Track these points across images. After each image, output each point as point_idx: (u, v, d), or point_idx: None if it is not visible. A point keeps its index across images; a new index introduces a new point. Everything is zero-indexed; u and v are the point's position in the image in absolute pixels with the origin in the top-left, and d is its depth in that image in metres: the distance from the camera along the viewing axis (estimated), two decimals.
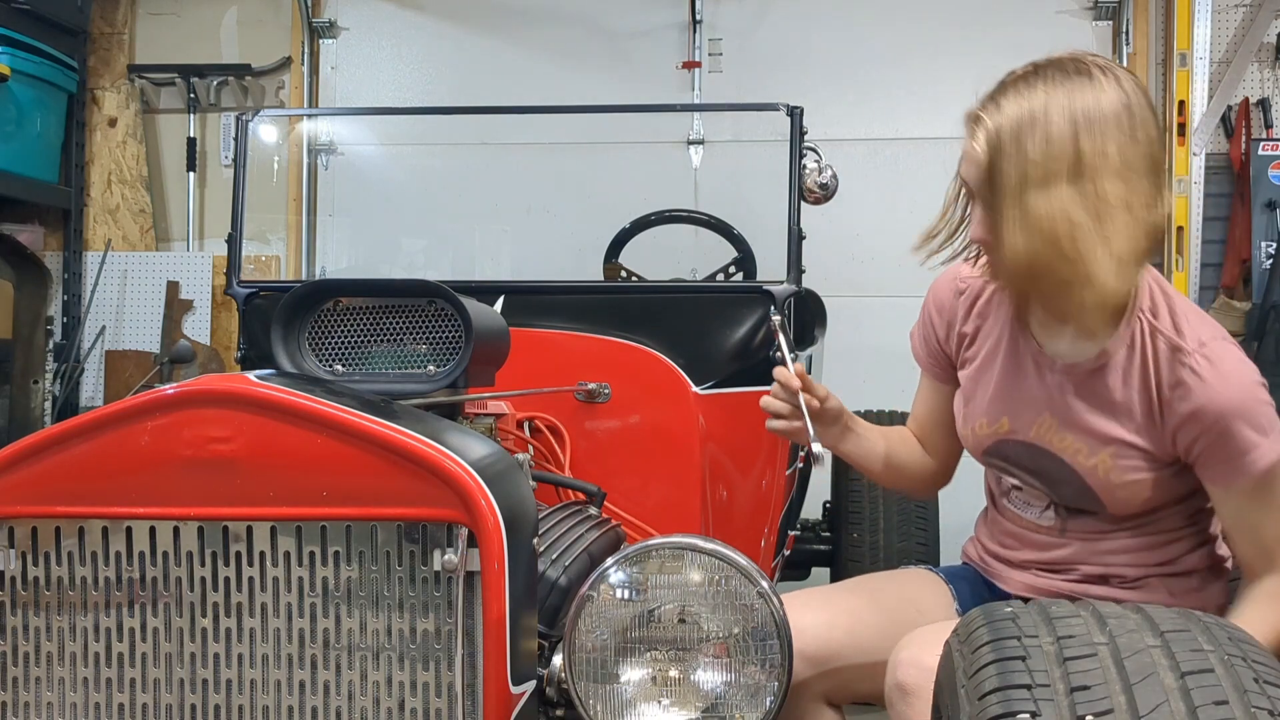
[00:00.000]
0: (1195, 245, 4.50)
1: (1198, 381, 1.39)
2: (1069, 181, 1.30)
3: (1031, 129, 1.31)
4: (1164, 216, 1.36)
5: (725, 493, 2.22)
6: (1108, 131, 1.31)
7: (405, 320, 1.50)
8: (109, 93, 4.99)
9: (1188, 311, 1.46)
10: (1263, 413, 1.39)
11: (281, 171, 4.99)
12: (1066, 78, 1.34)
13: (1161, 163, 1.37)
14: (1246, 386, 1.39)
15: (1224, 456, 1.41)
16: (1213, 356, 1.40)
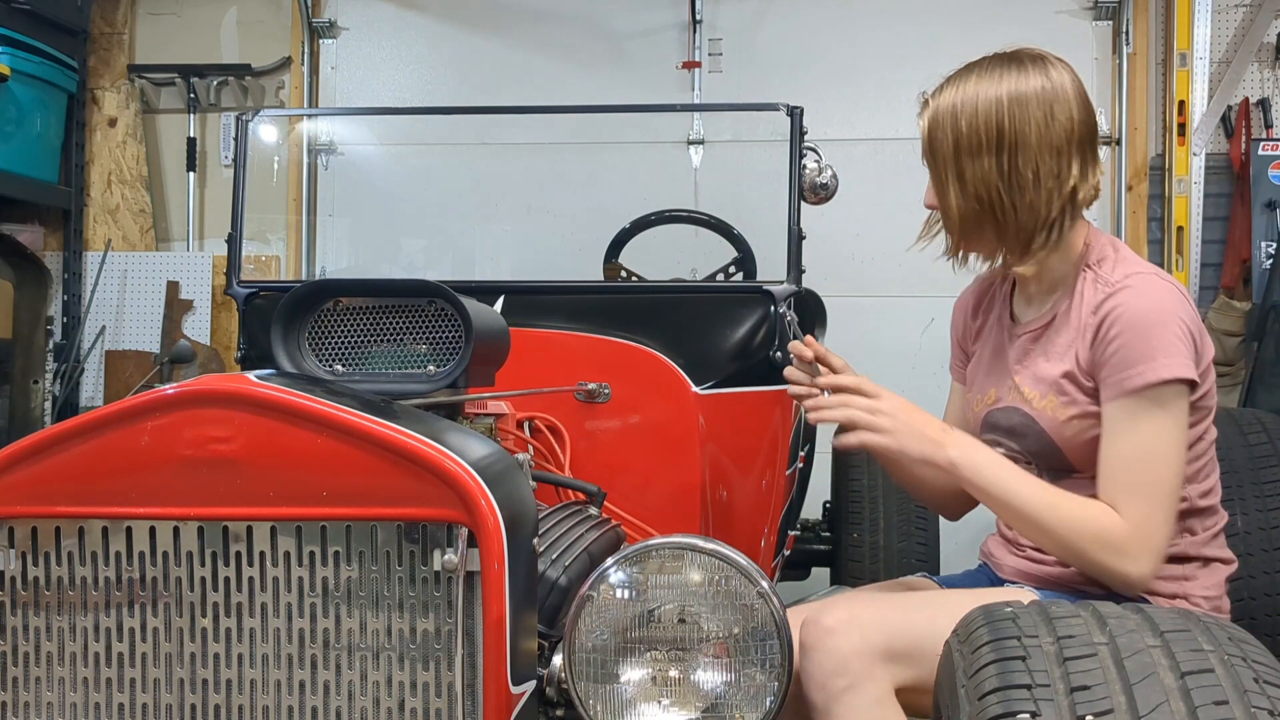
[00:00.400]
0: (1195, 245, 4.50)
1: (1120, 300, 1.48)
2: (992, 153, 1.52)
3: (963, 109, 1.54)
4: (1087, 188, 1.55)
5: (725, 493, 2.22)
6: (1029, 112, 1.51)
7: (405, 320, 1.50)
8: (109, 93, 4.99)
9: (1133, 261, 1.55)
10: (1169, 335, 1.44)
11: (281, 171, 4.99)
12: (999, 66, 1.56)
13: (1085, 141, 1.54)
14: (1162, 306, 1.45)
15: (1117, 365, 1.45)
16: (1138, 283, 1.49)
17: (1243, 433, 2.21)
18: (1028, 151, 1.51)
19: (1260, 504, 2.09)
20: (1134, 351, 1.44)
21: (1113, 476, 1.46)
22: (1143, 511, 1.42)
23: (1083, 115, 1.53)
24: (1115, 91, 4.60)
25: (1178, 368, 1.43)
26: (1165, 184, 4.52)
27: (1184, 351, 1.44)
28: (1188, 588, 1.55)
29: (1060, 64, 1.57)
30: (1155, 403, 1.43)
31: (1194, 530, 1.58)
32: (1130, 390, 1.44)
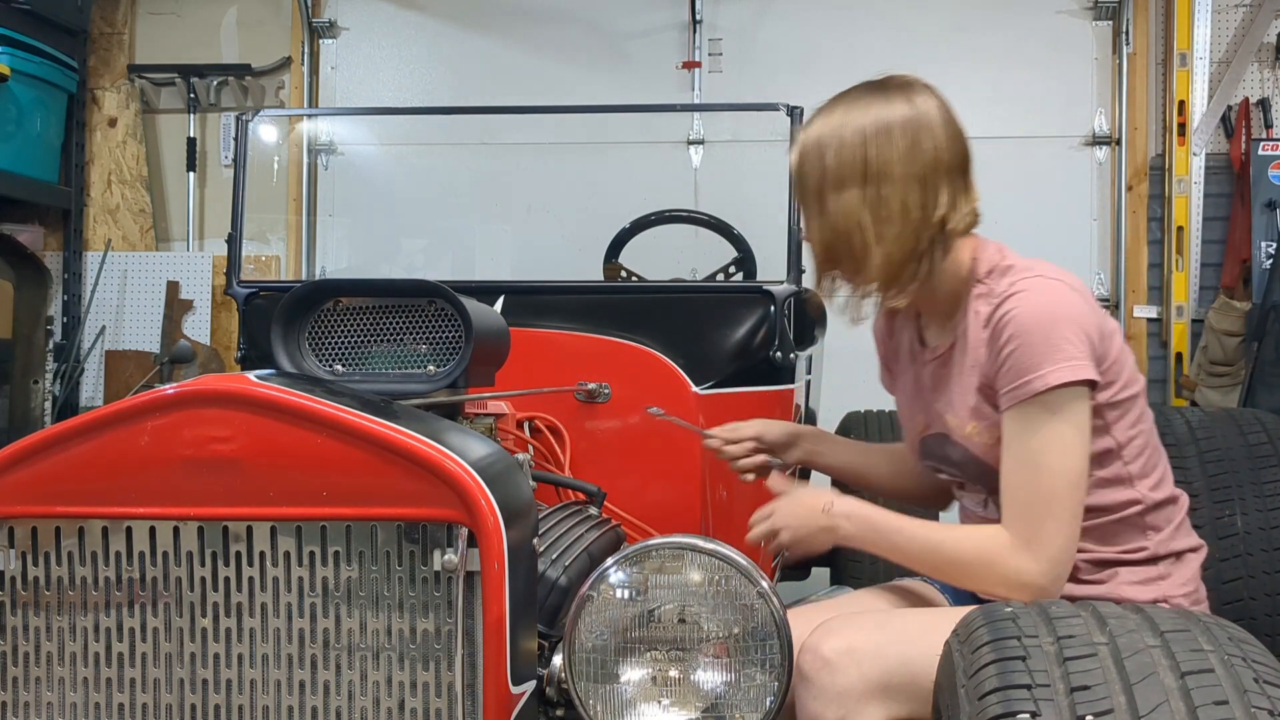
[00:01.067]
0: (1195, 245, 4.50)
1: (1007, 308, 1.45)
2: (858, 186, 1.48)
3: (829, 141, 1.52)
4: (958, 217, 1.50)
5: (725, 493, 2.22)
6: (892, 142, 1.48)
7: (405, 320, 1.50)
8: (109, 93, 4.99)
9: (1022, 267, 1.51)
10: (1058, 338, 1.40)
11: (281, 171, 4.99)
12: (866, 96, 1.54)
13: (954, 169, 1.51)
14: (1051, 309, 1.42)
15: (1009, 375, 1.42)
16: (1025, 287, 1.45)
17: (1243, 433, 2.21)
18: (892, 183, 1.47)
19: (1260, 504, 2.09)
20: (1024, 359, 1.41)
21: (1006, 491, 1.44)
22: (1032, 525, 1.40)
23: (950, 143, 1.50)
24: (1115, 91, 4.60)
25: (1069, 371, 1.39)
26: (1165, 184, 4.53)
27: (1077, 353, 1.40)
28: (1165, 588, 1.53)
29: (927, 91, 1.55)
30: (1047, 411, 1.39)
31: (1158, 527, 1.55)
32: (1022, 400, 1.40)
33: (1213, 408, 2.69)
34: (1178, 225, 4.48)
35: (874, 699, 1.34)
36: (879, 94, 1.53)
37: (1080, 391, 1.40)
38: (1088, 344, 1.42)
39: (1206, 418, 2.29)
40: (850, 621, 1.40)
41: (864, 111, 1.51)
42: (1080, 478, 1.41)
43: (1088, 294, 1.48)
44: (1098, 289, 4.61)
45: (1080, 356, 1.40)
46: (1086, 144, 4.63)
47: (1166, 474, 1.59)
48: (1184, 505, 1.62)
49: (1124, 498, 1.52)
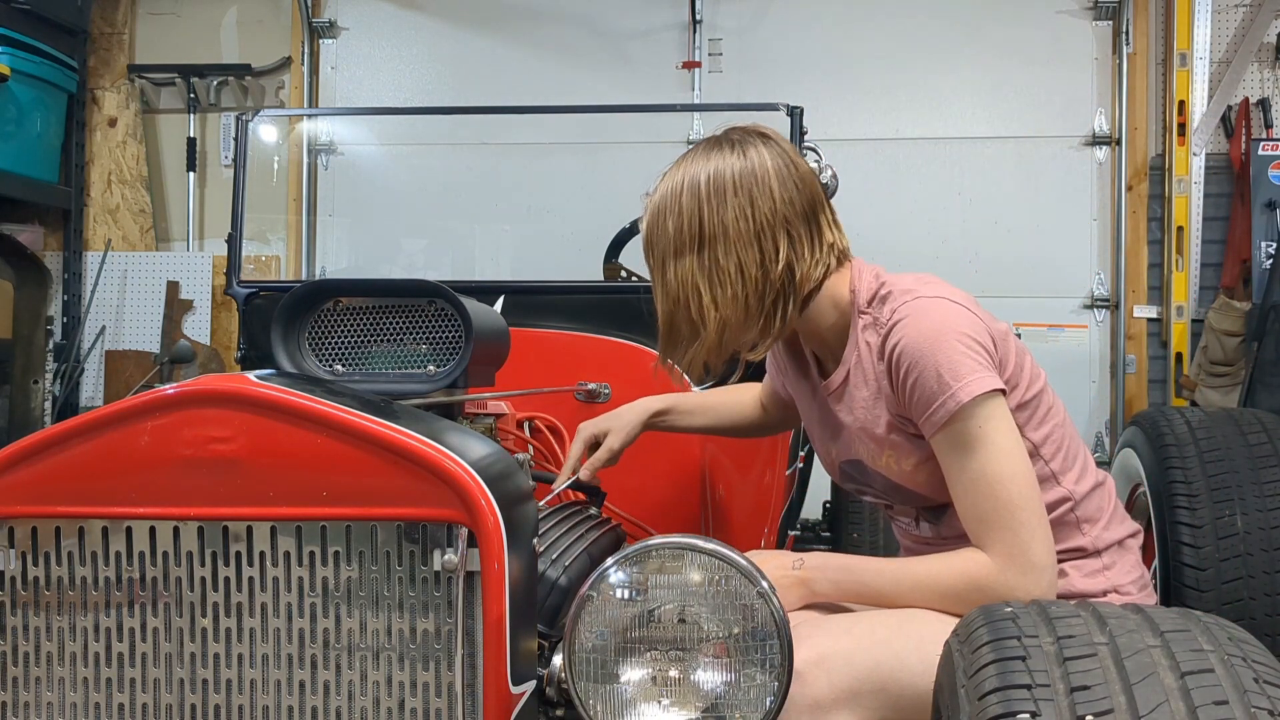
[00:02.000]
0: (1195, 245, 4.50)
1: (895, 339, 1.43)
2: (694, 252, 1.47)
3: (669, 206, 1.50)
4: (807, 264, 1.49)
5: (725, 493, 2.22)
6: (726, 201, 1.46)
7: (405, 320, 1.50)
8: (109, 93, 4.99)
9: (904, 289, 1.49)
10: (954, 355, 1.39)
11: (281, 171, 4.99)
12: (706, 152, 1.51)
13: (797, 218, 1.48)
14: (937, 329, 1.40)
15: (920, 405, 1.41)
16: (907, 313, 1.44)
17: (1243, 433, 2.21)
18: (728, 244, 1.45)
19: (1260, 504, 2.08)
20: (928, 385, 1.39)
21: (966, 515, 1.42)
22: (1006, 539, 1.38)
23: (787, 193, 1.47)
24: (1115, 91, 4.60)
25: (975, 384, 1.37)
26: (1165, 184, 4.53)
27: (975, 364, 1.39)
28: (1114, 578, 1.53)
29: (764, 142, 1.51)
30: (971, 427, 1.38)
31: (1092, 519, 1.55)
32: (941, 425, 1.40)
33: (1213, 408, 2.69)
34: (1178, 225, 4.49)
35: (845, 706, 1.34)
36: (719, 149, 1.51)
37: (994, 397, 1.39)
38: (984, 353, 1.41)
39: (1206, 418, 2.29)
40: (817, 628, 1.38)
41: (702, 167, 1.49)
42: (1030, 477, 1.41)
43: (972, 302, 1.47)
44: (1098, 289, 4.61)
45: (981, 367, 1.39)
46: (1086, 144, 4.63)
47: (1087, 462, 1.58)
48: (1111, 491, 1.60)
49: (1053, 497, 1.52)
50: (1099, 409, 4.63)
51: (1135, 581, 1.55)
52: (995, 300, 4.53)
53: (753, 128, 1.54)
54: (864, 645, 1.37)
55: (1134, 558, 1.58)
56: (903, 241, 4.54)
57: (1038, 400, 1.52)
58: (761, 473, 2.38)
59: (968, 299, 1.48)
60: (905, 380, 1.42)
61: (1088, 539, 1.53)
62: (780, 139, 1.54)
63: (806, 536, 3.30)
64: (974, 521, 1.41)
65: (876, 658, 1.36)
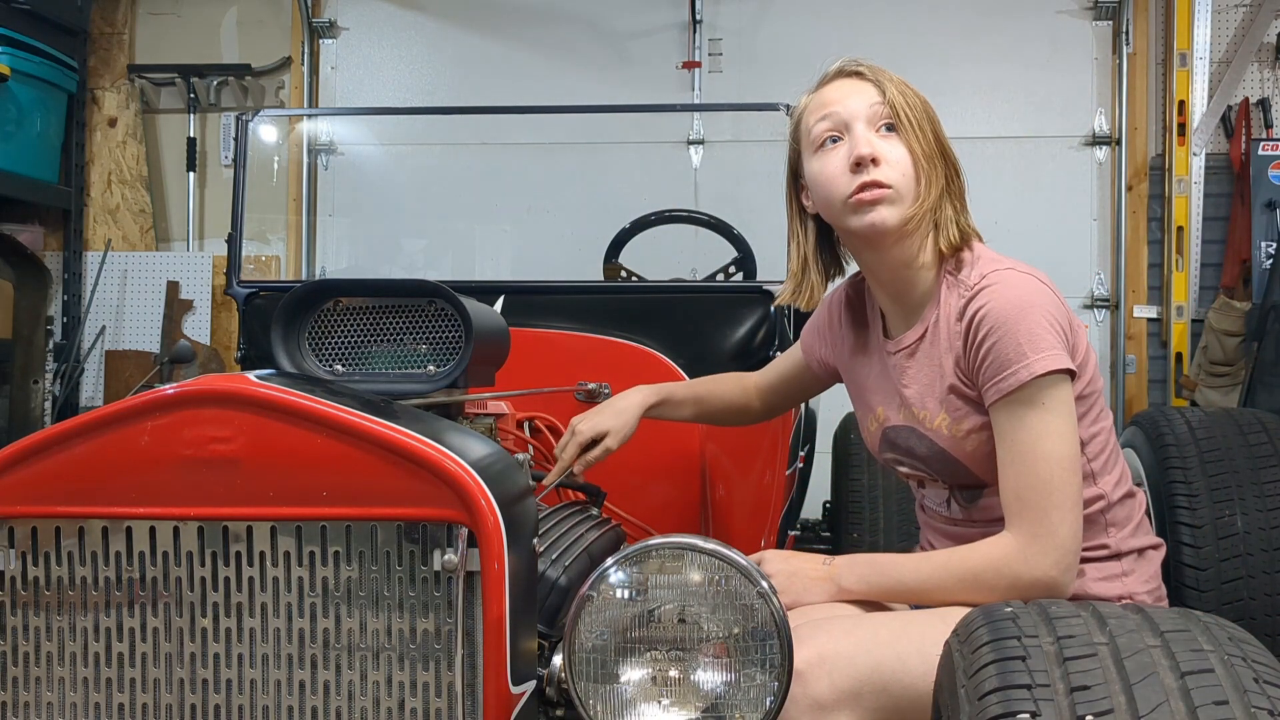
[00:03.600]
0: (1195, 245, 4.50)
1: (981, 302, 1.46)
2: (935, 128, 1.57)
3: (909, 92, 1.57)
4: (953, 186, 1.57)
5: (725, 493, 2.22)
6: None
7: (405, 320, 1.50)
8: (109, 93, 4.99)
9: (989, 259, 1.53)
10: (1037, 328, 1.41)
11: (281, 171, 4.99)
12: None
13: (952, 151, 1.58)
14: (1025, 300, 1.43)
15: (992, 369, 1.43)
16: (997, 279, 1.47)
17: (1243, 433, 2.21)
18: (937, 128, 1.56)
19: (1260, 504, 2.09)
20: (1005, 351, 1.41)
21: (1006, 486, 1.44)
22: (1037, 517, 1.40)
23: None
24: (1115, 91, 4.60)
25: (1051, 360, 1.40)
26: (1165, 184, 4.53)
27: (1055, 342, 1.41)
28: (1129, 584, 1.54)
29: None
30: (1035, 400, 1.40)
31: (1119, 524, 1.56)
32: (1008, 391, 1.41)
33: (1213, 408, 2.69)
34: (1178, 225, 4.49)
35: (846, 707, 1.34)
36: None
37: (1063, 379, 1.42)
38: (1062, 336, 1.43)
39: (1206, 418, 2.29)
40: (819, 628, 1.39)
41: None
42: (1075, 463, 1.42)
43: (1056, 290, 1.49)
44: (1098, 289, 4.61)
45: (1058, 347, 1.42)
46: (1086, 144, 4.63)
47: (1125, 473, 1.60)
48: (1142, 503, 1.62)
49: (1088, 494, 1.52)
50: None
51: (1150, 591, 1.55)
52: None
53: None
54: (866, 646, 1.37)
55: (1152, 569, 1.58)
56: None
57: (1094, 400, 1.54)
58: (761, 473, 2.38)
59: (1054, 286, 1.50)
60: (984, 343, 1.44)
61: (1112, 540, 1.54)
62: None
63: (806, 536, 3.30)
64: (1011, 495, 1.43)
65: (878, 658, 1.36)
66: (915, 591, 1.51)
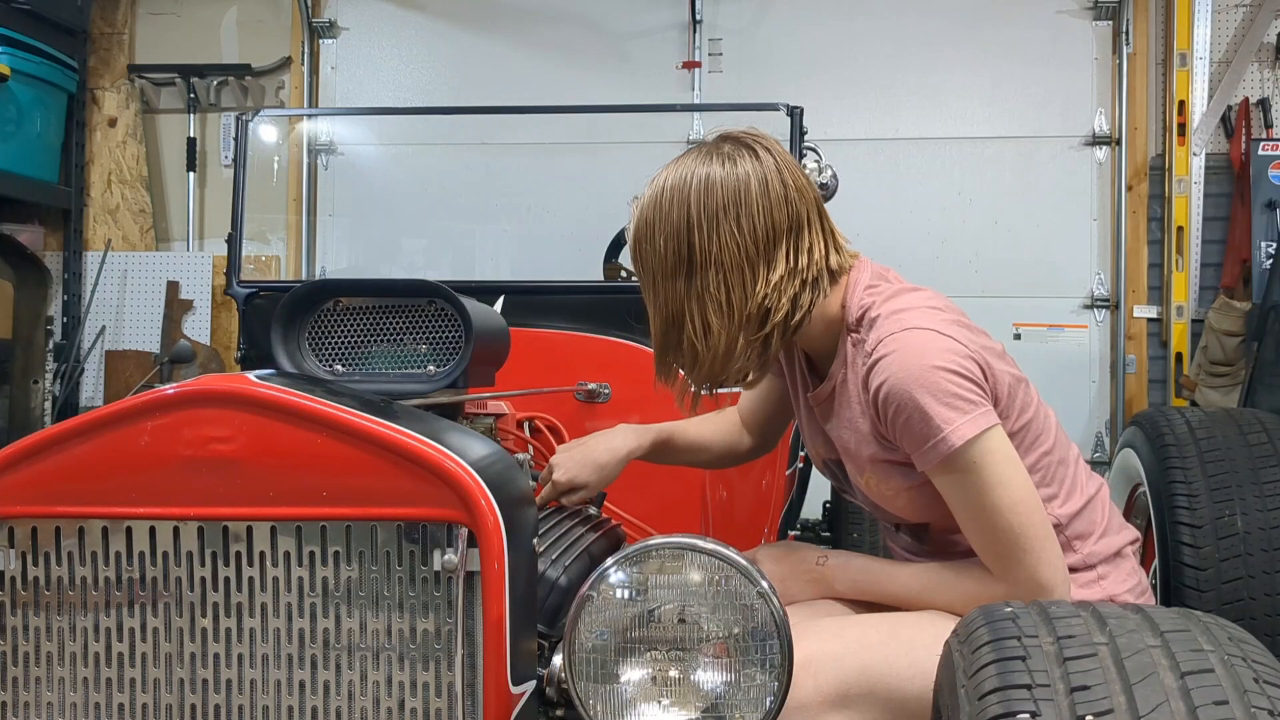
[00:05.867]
0: (1195, 245, 4.50)
1: (880, 378, 1.38)
2: (684, 276, 1.43)
3: (658, 222, 1.44)
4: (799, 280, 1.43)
5: (725, 493, 2.22)
6: (717, 225, 1.41)
7: (405, 320, 1.50)
8: (109, 93, 4.99)
9: (891, 312, 1.44)
10: (944, 391, 1.34)
11: (281, 171, 4.99)
12: (697, 162, 1.45)
13: (784, 231, 1.43)
14: (921, 366, 1.35)
15: (913, 444, 1.38)
16: (890, 349, 1.39)
17: (1243, 433, 2.21)
18: (719, 270, 1.41)
19: (1260, 504, 2.09)
20: (917, 429, 1.36)
21: (973, 543, 1.41)
22: (1013, 567, 1.38)
23: (780, 212, 1.42)
24: (1115, 91, 4.60)
25: (967, 428, 1.34)
26: (1165, 184, 4.53)
27: (967, 403, 1.34)
28: (1109, 588, 1.52)
29: (752, 154, 1.44)
30: (966, 464, 1.35)
31: (1085, 535, 1.52)
32: (936, 464, 1.37)
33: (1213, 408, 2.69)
34: (1178, 225, 4.49)
35: (834, 710, 1.34)
36: (706, 162, 1.44)
37: (986, 432, 1.36)
38: (973, 387, 1.37)
39: (1206, 418, 2.29)
40: (806, 630, 1.37)
41: (690, 183, 1.43)
42: (1032, 498, 1.38)
43: (960, 325, 1.42)
44: (1098, 289, 4.61)
45: (973, 405, 1.35)
46: (1086, 144, 4.63)
47: (1076, 479, 1.55)
48: (1103, 499, 1.57)
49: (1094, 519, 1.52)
50: (1099, 409, 4.63)
51: (1131, 590, 1.54)
52: (995, 300, 4.54)
53: (746, 136, 1.48)
54: (853, 649, 1.37)
55: (1130, 565, 1.56)
56: (903, 241, 4.53)
57: (1026, 429, 1.48)
58: (761, 473, 2.38)
59: (955, 322, 1.43)
60: (894, 421, 1.39)
61: (1080, 555, 1.51)
62: (774, 147, 1.48)
63: (806, 536, 3.30)
64: (980, 550, 1.41)
65: (865, 661, 1.36)
66: (906, 604, 1.50)
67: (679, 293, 1.44)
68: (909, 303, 1.45)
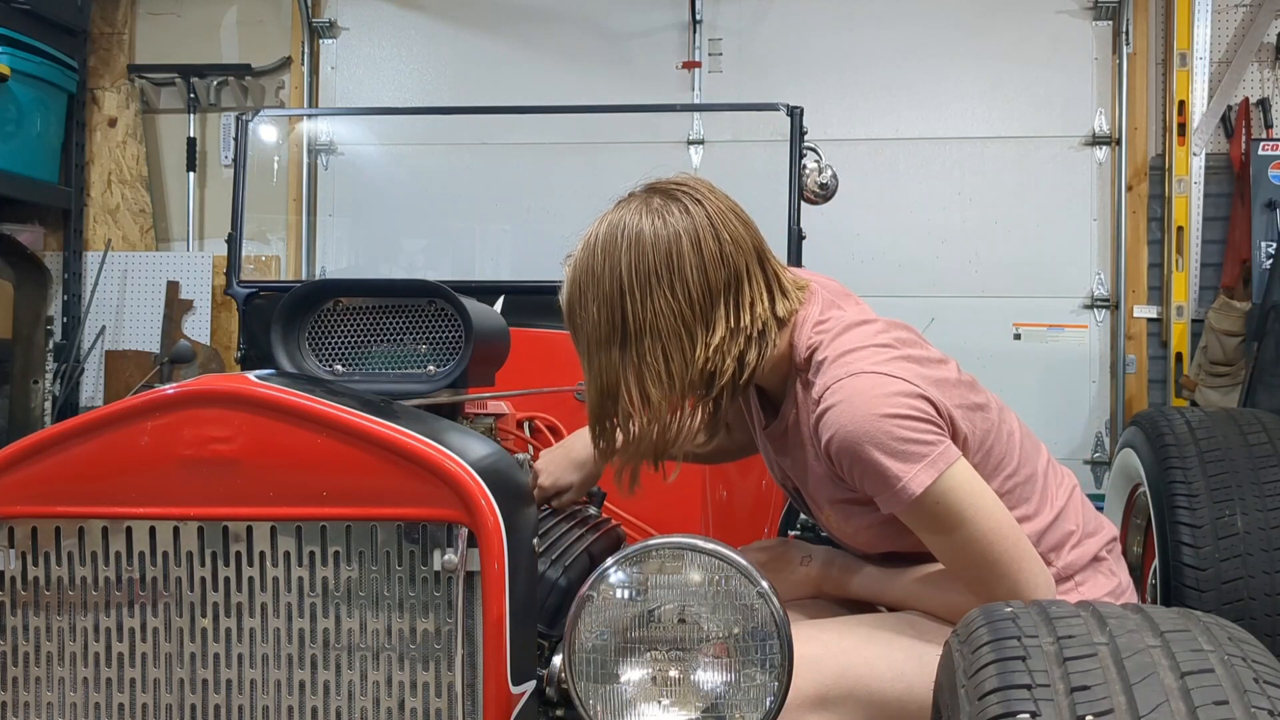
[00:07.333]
0: (1195, 245, 4.50)
1: (827, 426, 1.34)
2: (620, 347, 1.36)
3: (590, 286, 1.37)
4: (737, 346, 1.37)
5: (725, 493, 2.22)
6: (649, 289, 1.34)
7: (405, 320, 1.50)
8: (109, 93, 4.99)
9: (837, 355, 1.39)
10: (896, 439, 1.30)
11: (281, 171, 4.99)
12: (628, 217, 1.39)
13: (721, 288, 1.36)
14: (869, 416, 1.30)
15: (874, 489, 1.34)
16: (835, 398, 1.34)
17: (1243, 433, 2.21)
18: (654, 337, 1.34)
19: (1260, 504, 2.09)
20: (875, 479, 1.32)
21: (955, 575, 1.39)
22: (996, 592, 1.35)
23: (715, 271, 1.35)
24: (1115, 91, 4.60)
25: (924, 475, 1.30)
26: (1165, 184, 4.53)
27: (922, 445, 1.30)
28: (1086, 593, 1.50)
29: (682, 209, 1.37)
30: (932, 504, 1.32)
31: (1059, 546, 1.50)
32: (902, 508, 1.33)
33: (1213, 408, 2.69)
34: (1178, 225, 4.48)
35: (811, 712, 1.33)
36: (637, 217, 1.38)
37: (953, 469, 1.32)
38: (929, 426, 1.32)
39: (1206, 418, 2.29)
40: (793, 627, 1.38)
41: (621, 244, 1.37)
42: (1004, 524, 1.35)
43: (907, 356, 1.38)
44: (1098, 289, 4.61)
45: (929, 446, 1.31)
46: (1086, 144, 4.63)
47: (1044, 492, 1.51)
48: (1074, 505, 1.54)
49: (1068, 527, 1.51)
50: (1099, 409, 4.63)
51: (1111, 592, 1.52)
52: (995, 300, 4.54)
53: (676, 188, 1.41)
54: (831, 651, 1.37)
55: (1108, 566, 1.54)
56: (903, 242, 4.53)
57: (987, 457, 1.44)
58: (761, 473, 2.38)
59: (903, 357, 1.38)
60: (850, 472, 1.35)
61: (1055, 568, 1.49)
62: (706, 197, 1.40)
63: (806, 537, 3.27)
64: (965, 582, 1.39)
65: (843, 664, 1.35)
66: (889, 606, 1.50)
67: (614, 362, 1.37)
68: (856, 340, 1.40)
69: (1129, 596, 1.55)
